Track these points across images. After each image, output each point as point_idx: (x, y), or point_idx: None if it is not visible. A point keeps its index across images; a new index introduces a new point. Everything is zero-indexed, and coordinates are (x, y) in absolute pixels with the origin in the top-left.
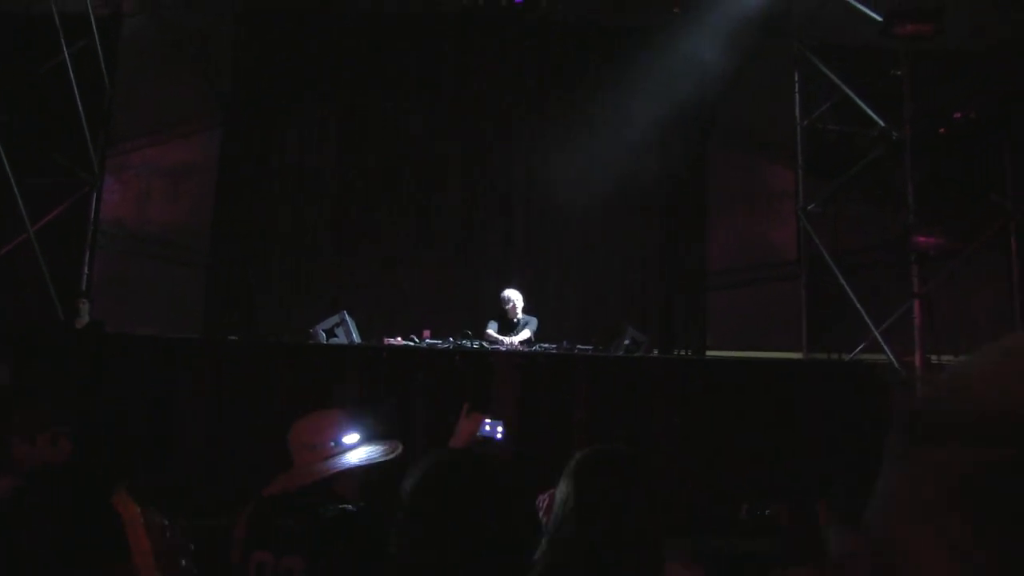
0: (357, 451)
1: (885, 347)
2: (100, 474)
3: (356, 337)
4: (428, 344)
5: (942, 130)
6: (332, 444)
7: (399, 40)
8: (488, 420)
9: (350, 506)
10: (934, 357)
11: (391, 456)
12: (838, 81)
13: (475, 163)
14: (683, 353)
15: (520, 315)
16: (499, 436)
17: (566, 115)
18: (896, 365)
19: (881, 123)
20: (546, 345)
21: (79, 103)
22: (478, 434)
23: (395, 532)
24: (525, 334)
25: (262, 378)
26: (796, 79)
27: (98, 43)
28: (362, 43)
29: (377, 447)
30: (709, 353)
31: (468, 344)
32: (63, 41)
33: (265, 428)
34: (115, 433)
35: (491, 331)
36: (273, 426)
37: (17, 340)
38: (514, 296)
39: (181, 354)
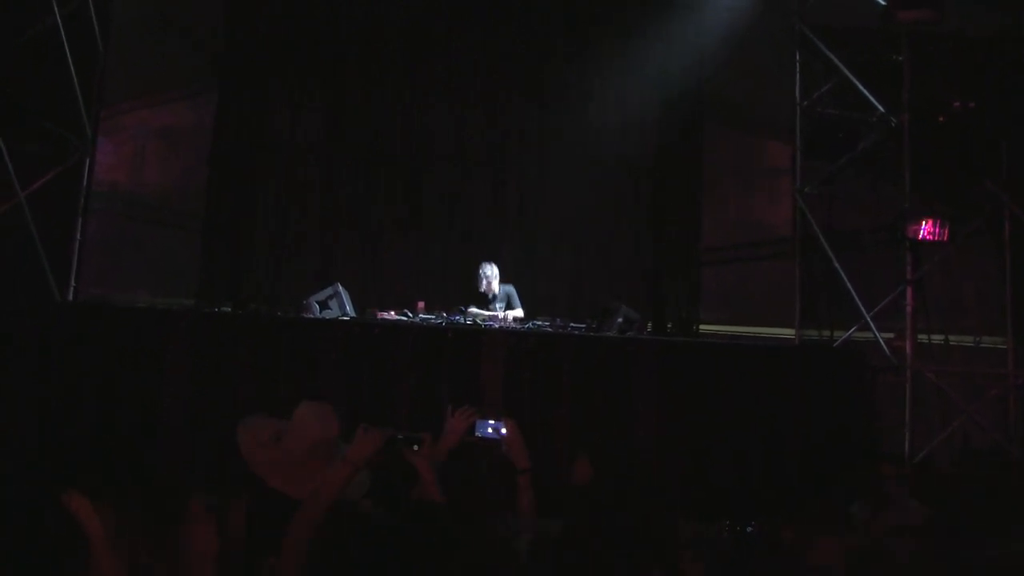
0: None
1: (875, 332)
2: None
3: (350, 309)
4: (422, 319)
5: (941, 118)
6: None
7: (392, 10)
8: (491, 422)
9: None
10: (925, 338)
11: None
12: (839, 63)
13: (467, 136)
14: (675, 330)
15: (496, 289)
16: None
17: (560, 89)
18: (886, 350)
19: (880, 108)
20: (539, 322)
21: (72, 68)
22: (478, 434)
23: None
24: (519, 312)
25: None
26: (797, 59)
27: (92, 5)
28: (354, 11)
29: None
30: (703, 328)
31: (461, 320)
32: (55, 3)
33: (250, 407)
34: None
35: (475, 310)
36: (259, 405)
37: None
38: (490, 272)
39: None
